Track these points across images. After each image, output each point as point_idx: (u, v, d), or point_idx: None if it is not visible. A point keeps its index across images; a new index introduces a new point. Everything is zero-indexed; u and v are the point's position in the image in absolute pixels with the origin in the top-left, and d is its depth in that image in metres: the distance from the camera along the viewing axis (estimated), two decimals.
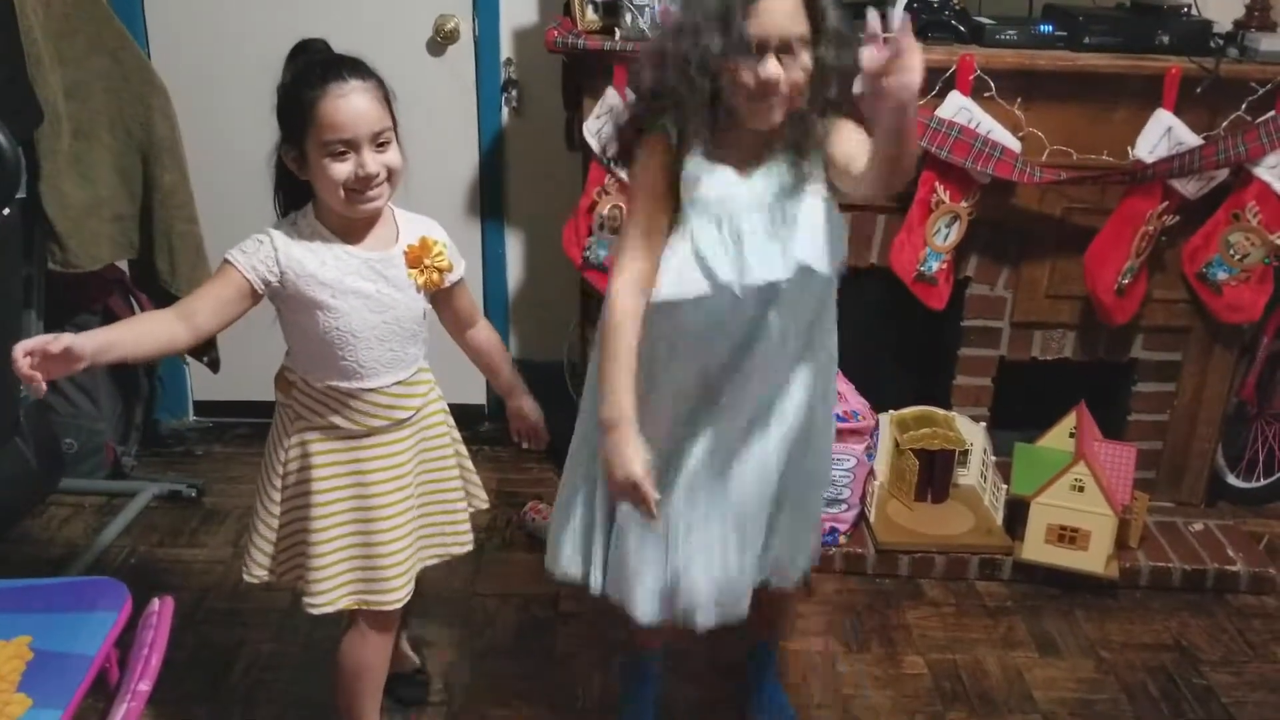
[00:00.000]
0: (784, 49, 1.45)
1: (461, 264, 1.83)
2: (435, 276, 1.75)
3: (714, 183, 1.58)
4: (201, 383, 3.22)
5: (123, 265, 2.80)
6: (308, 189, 1.68)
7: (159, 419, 3.18)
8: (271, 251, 1.64)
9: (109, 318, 2.87)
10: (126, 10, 2.81)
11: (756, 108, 1.50)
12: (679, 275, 1.60)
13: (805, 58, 1.47)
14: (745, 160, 1.59)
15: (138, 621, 1.67)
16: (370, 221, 1.71)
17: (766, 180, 1.59)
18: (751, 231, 1.58)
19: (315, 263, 1.65)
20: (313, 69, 1.62)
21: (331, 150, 1.60)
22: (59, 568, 2.55)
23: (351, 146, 1.60)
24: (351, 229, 1.69)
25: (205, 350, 2.77)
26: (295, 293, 1.65)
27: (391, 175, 1.66)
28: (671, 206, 1.62)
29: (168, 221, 2.61)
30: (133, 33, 2.64)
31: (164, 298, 2.69)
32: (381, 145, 1.63)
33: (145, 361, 1.68)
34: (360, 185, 1.62)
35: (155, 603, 1.67)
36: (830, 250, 1.62)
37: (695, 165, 1.58)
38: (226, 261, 1.64)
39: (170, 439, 3.18)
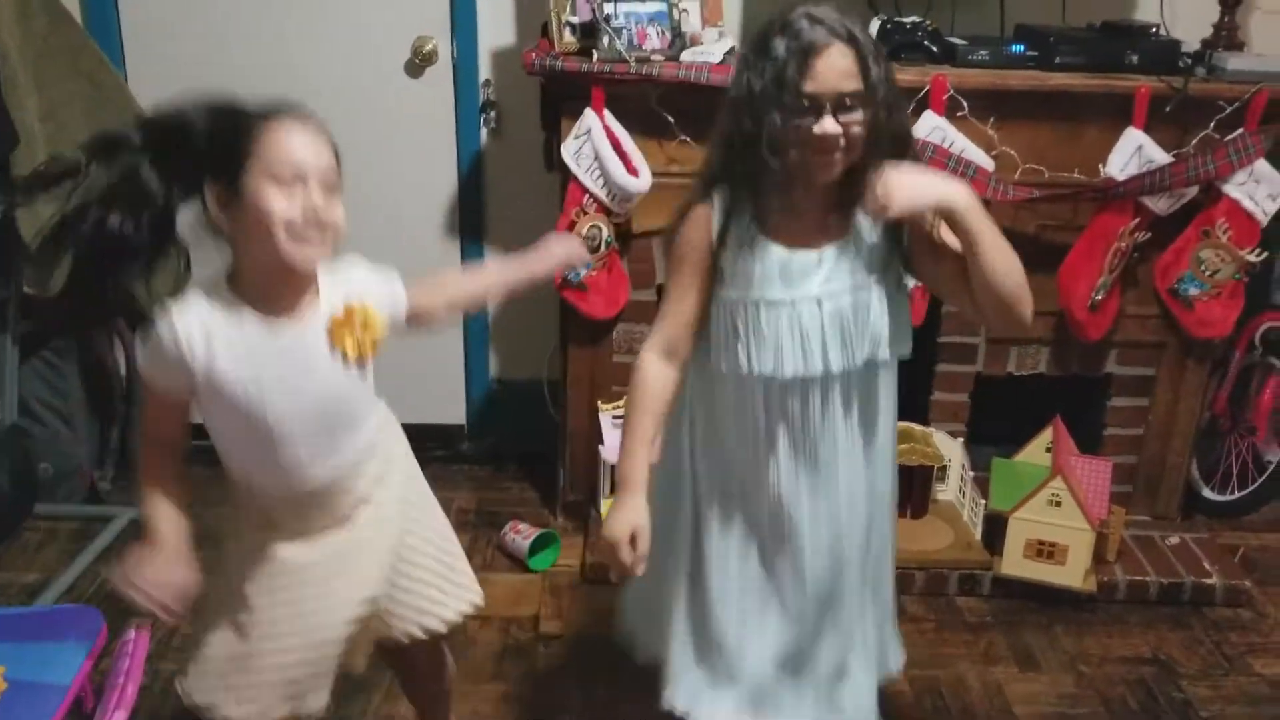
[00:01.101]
0: (839, 106, 1.47)
1: (396, 292, 1.60)
2: (368, 344, 1.53)
3: (772, 266, 1.57)
4: None
5: None
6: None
7: (135, 443, 3.16)
8: (173, 342, 1.43)
9: (85, 341, 2.86)
10: (104, 33, 2.81)
11: (815, 162, 1.51)
12: (746, 353, 1.59)
13: (860, 114, 1.48)
14: (809, 237, 1.58)
15: (113, 649, 1.66)
16: (298, 286, 1.49)
17: (834, 263, 1.58)
18: (812, 318, 1.57)
19: (222, 344, 1.44)
20: (260, 104, 1.44)
21: (278, 177, 1.38)
22: (34, 594, 2.53)
23: (300, 179, 1.39)
24: (272, 294, 1.46)
25: None
26: (204, 382, 1.46)
27: (336, 230, 1.45)
28: (710, 278, 1.61)
29: None
30: (110, 55, 2.65)
31: (139, 320, 2.68)
32: (331, 191, 1.43)
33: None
34: (304, 227, 1.40)
35: (131, 631, 1.66)
36: (895, 337, 1.62)
37: (753, 244, 1.57)
38: (146, 374, 1.48)
39: None
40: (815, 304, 1.57)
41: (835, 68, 1.45)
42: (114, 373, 2.96)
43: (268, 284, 1.46)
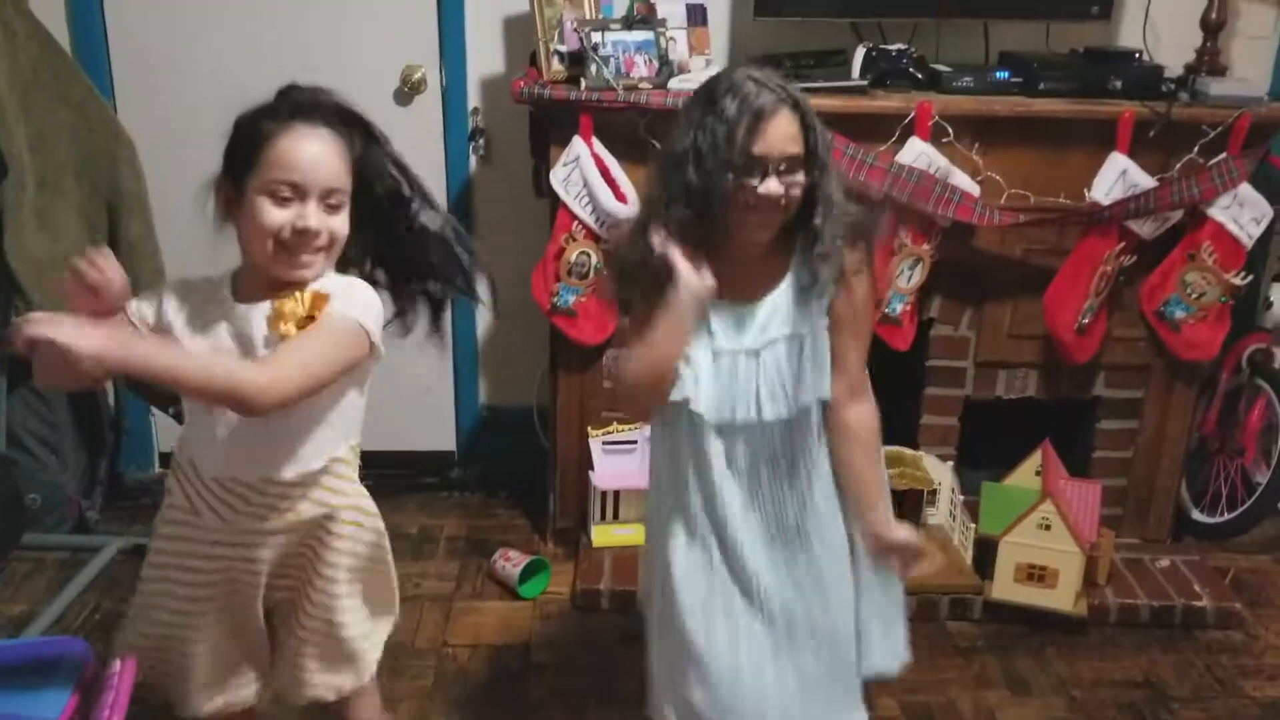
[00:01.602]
0: (782, 168, 1.53)
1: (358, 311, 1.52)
2: (303, 314, 1.48)
3: (714, 320, 1.62)
4: (167, 434, 3.19)
5: None
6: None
7: (123, 471, 3.15)
8: (157, 300, 1.54)
9: None
10: (92, 63, 2.81)
11: (756, 220, 1.56)
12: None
13: (800, 176, 1.55)
14: (746, 289, 1.64)
15: (101, 681, 1.64)
16: (282, 288, 1.50)
17: (770, 313, 1.63)
18: (749, 369, 1.63)
19: (185, 310, 1.52)
20: (284, 104, 1.49)
21: (274, 191, 1.43)
22: (21, 625, 2.51)
23: (298, 194, 1.44)
24: (258, 286, 1.50)
25: (170, 401, 2.75)
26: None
27: (332, 243, 1.48)
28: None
29: (134, 273, 2.57)
30: (99, 85, 2.65)
31: None
32: (332, 207, 1.47)
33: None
34: (294, 241, 1.44)
35: (116, 663, 1.64)
36: (822, 380, 1.66)
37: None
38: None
39: (135, 491, 3.14)
40: (754, 356, 1.62)
41: (782, 131, 1.52)
42: (102, 402, 2.95)
43: (256, 278, 1.51)
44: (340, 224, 1.49)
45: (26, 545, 2.75)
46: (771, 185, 1.53)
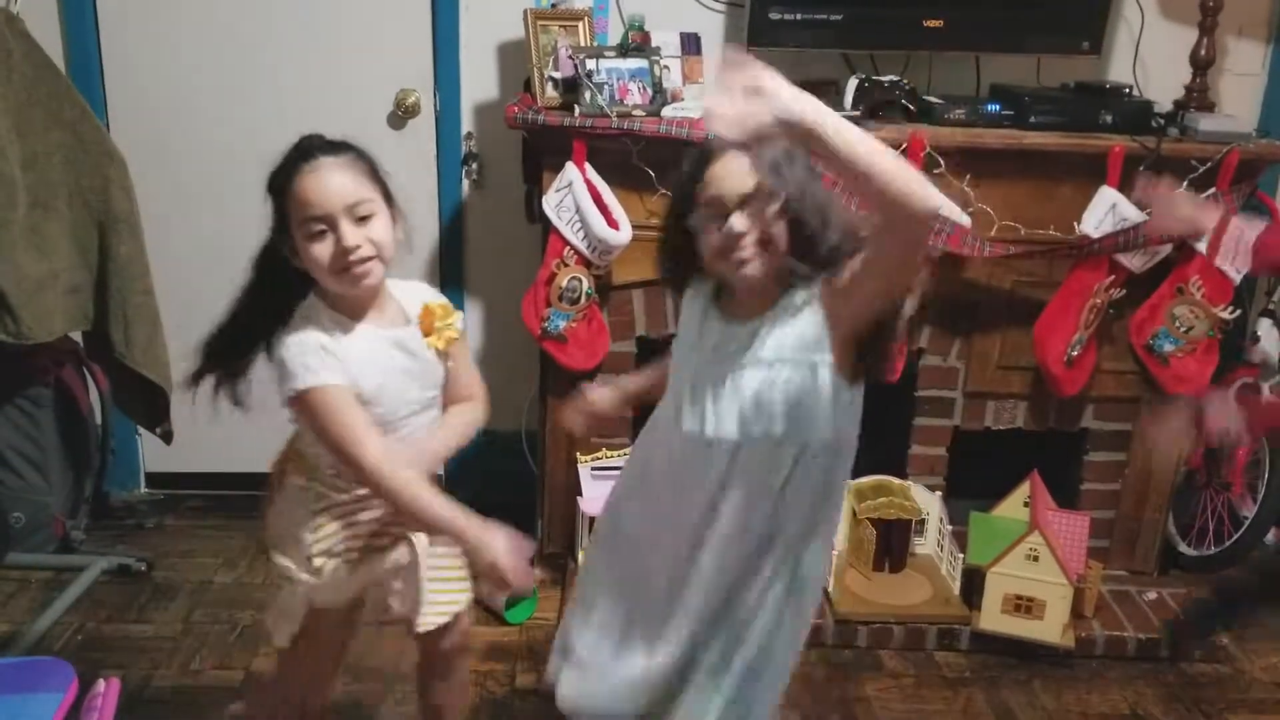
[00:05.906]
0: (744, 205, 1.48)
1: (460, 314, 1.78)
2: (450, 334, 1.72)
3: (711, 334, 1.62)
4: (154, 454, 3.18)
5: (76, 336, 2.78)
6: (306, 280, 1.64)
7: (109, 491, 3.13)
8: (328, 355, 1.59)
9: (61, 389, 2.84)
10: (86, 83, 2.82)
11: (730, 264, 1.51)
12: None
13: (774, 210, 1.48)
14: (742, 309, 1.60)
15: (84, 703, 1.63)
16: (366, 301, 1.65)
17: (759, 338, 1.57)
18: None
19: (358, 350, 1.62)
20: (288, 156, 1.58)
21: (309, 231, 1.54)
22: (3, 646, 2.49)
23: (328, 223, 1.54)
24: (358, 308, 1.65)
25: (158, 421, 2.74)
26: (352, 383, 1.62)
27: (380, 250, 1.59)
28: None
29: (124, 293, 2.60)
30: (92, 105, 2.65)
31: (117, 369, 2.67)
32: (362, 219, 1.56)
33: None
34: (344, 261, 1.55)
35: (100, 684, 1.63)
36: (799, 422, 1.56)
37: (704, 310, 1.66)
38: (314, 388, 1.57)
39: (121, 511, 3.13)
40: (738, 373, 1.56)
41: (731, 170, 1.49)
42: (90, 422, 2.93)
43: (350, 302, 1.63)
44: (378, 231, 1.58)
45: (11, 564, 2.73)
46: (735, 222, 1.48)
